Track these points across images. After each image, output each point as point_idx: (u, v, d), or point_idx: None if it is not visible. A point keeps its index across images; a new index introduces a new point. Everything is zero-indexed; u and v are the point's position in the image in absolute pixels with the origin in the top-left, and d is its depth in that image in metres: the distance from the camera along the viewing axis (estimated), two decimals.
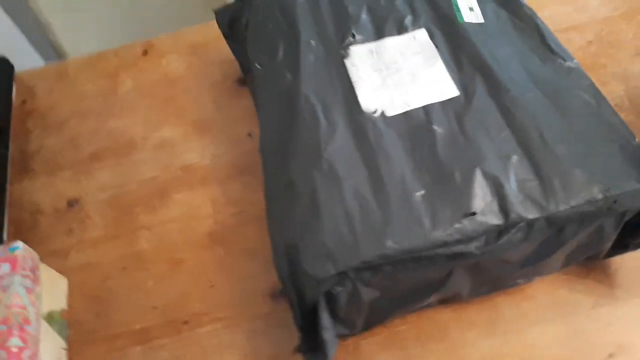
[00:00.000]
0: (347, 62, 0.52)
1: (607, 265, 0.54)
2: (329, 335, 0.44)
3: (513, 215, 0.42)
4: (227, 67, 0.73)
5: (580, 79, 0.49)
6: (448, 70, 0.50)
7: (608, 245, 0.47)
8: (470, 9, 0.56)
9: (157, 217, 0.62)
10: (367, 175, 0.45)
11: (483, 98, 0.48)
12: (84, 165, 0.67)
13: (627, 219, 0.44)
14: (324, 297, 0.44)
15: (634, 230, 0.46)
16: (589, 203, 0.42)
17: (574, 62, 0.51)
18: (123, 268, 0.59)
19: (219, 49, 0.75)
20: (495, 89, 0.48)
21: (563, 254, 0.46)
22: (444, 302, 0.52)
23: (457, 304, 0.53)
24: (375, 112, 0.48)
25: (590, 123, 0.46)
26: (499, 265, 0.46)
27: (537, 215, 0.42)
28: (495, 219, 0.43)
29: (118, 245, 0.61)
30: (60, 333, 0.54)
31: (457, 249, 0.42)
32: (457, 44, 0.53)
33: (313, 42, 0.54)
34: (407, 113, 0.48)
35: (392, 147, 0.46)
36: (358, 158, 0.46)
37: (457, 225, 0.42)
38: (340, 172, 0.46)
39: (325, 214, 0.44)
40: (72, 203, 0.65)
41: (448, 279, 0.46)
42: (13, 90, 0.74)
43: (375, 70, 0.50)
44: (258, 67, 0.56)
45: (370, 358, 0.52)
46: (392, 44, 0.52)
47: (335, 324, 0.47)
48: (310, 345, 0.47)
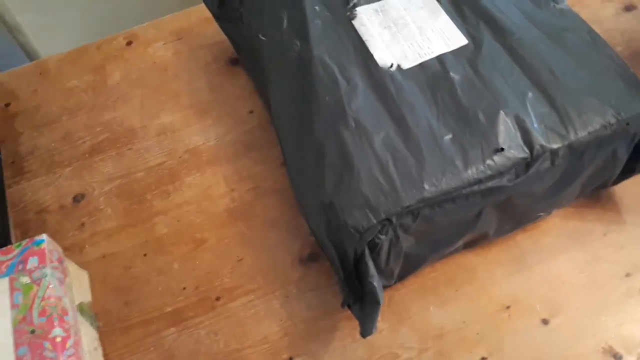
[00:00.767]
0: (355, 22, 0.53)
1: (612, 194, 0.58)
2: (377, 282, 0.45)
3: (537, 147, 0.45)
4: (216, 49, 0.73)
5: (574, 19, 0.53)
6: (453, 21, 0.52)
7: (619, 170, 0.51)
8: None
9: (171, 201, 0.62)
10: (394, 127, 0.47)
11: (491, 43, 0.50)
12: (84, 160, 0.66)
13: (636, 142, 0.48)
14: (367, 247, 0.45)
15: None
16: (604, 127, 0.45)
17: (565, 4, 0.54)
18: (144, 255, 0.58)
19: (205, 33, 0.75)
20: (501, 34, 0.51)
21: (580, 182, 0.50)
22: (470, 245, 0.54)
23: (480, 248, 0.56)
24: (392, 66, 0.50)
25: (592, 57, 0.49)
26: (526, 199, 0.48)
27: (559, 145, 0.45)
28: (522, 152, 0.45)
29: (135, 234, 0.60)
30: (92, 324, 0.53)
31: (491, 184, 0.44)
32: None
33: (317, 7, 0.55)
34: (422, 64, 0.50)
35: (413, 97, 0.48)
36: (383, 111, 0.48)
37: (488, 162, 0.45)
38: (368, 126, 0.47)
39: (359, 167, 0.46)
40: (78, 198, 0.63)
41: (479, 219, 0.48)
42: None
43: (384, 28, 0.52)
44: (263, 38, 0.56)
45: (407, 308, 0.54)
46: (395, 2, 0.54)
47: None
48: (355, 298, 0.48)
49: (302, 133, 0.51)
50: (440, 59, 0.50)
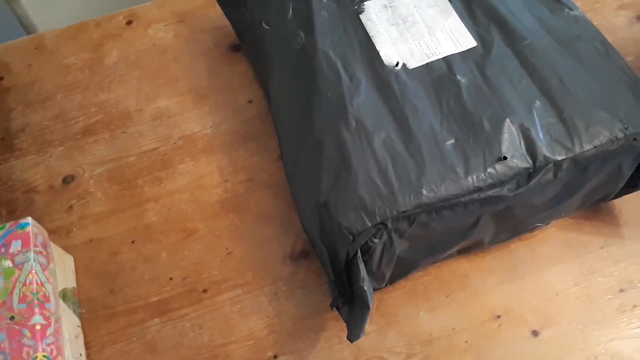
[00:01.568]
0: (362, 17, 0.51)
1: (611, 207, 0.57)
2: (368, 286, 0.44)
3: (541, 158, 0.44)
4: (218, 34, 0.71)
5: (587, 27, 0.51)
6: (463, 22, 0.51)
7: (622, 185, 0.49)
8: None
9: (163, 188, 0.60)
10: (396, 128, 0.46)
11: (501, 47, 0.49)
12: (76, 141, 0.64)
13: None
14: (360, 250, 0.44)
15: None
16: (611, 142, 0.44)
17: (579, 11, 0.53)
18: (132, 242, 0.57)
19: (208, 16, 0.73)
20: (512, 38, 0.49)
21: (582, 195, 0.48)
22: (465, 251, 0.53)
23: (474, 254, 0.55)
24: (397, 65, 0.49)
25: (603, 67, 0.48)
26: (525, 210, 0.47)
27: (563, 157, 0.44)
28: (525, 162, 0.44)
29: (124, 219, 0.59)
30: (75, 311, 0.52)
31: (491, 193, 0.43)
32: None
33: None
34: (428, 65, 0.48)
35: (417, 98, 0.47)
36: (385, 111, 0.46)
37: (489, 171, 0.43)
38: (369, 125, 0.46)
39: (357, 168, 0.44)
40: (68, 180, 0.61)
41: (475, 227, 0.47)
42: None
43: (392, 24, 0.50)
44: (266, 27, 0.55)
45: (396, 311, 0.53)
46: None
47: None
48: (344, 300, 0.47)
49: (300, 128, 0.49)
50: (448, 61, 0.48)
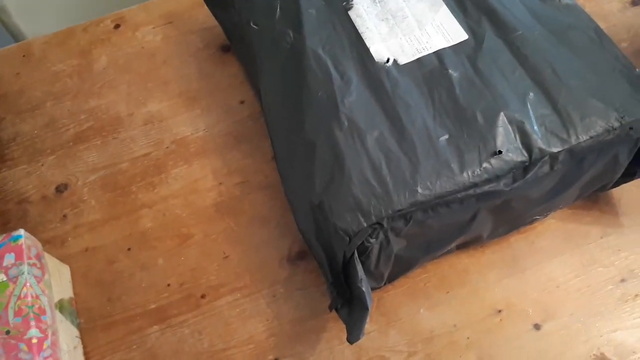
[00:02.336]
0: (351, 13, 0.51)
1: (610, 196, 0.56)
2: (366, 287, 0.43)
3: (536, 151, 0.43)
4: (207, 34, 0.70)
5: (580, 16, 0.50)
6: (453, 15, 0.50)
7: (619, 174, 0.49)
8: None
9: (157, 194, 0.60)
10: (389, 126, 0.45)
11: (492, 39, 0.48)
12: (68, 149, 0.63)
13: (639, 146, 0.46)
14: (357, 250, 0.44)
15: None
16: (607, 132, 0.44)
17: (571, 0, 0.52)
18: (128, 249, 0.57)
19: (196, 17, 0.72)
20: (503, 30, 0.48)
21: (579, 186, 0.48)
22: (464, 246, 0.53)
23: (473, 249, 0.55)
24: (388, 61, 0.48)
25: (597, 56, 0.47)
26: (523, 203, 0.46)
27: (559, 149, 0.43)
28: (520, 156, 0.43)
29: (119, 227, 0.58)
30: (73, 322, 0.51)
31: (487, 188, 0.43)
32: None
33: None
34: (419, 60, 0.48)
35: (409, 95, 0.46)
36: (377, 109, 0.46)
37: (484, 165, 0.43)
38: (361, 124, 0.45)
39: (351, 168, 0.44)
40: (61, 188, 0.61)
41: (473, 222, 0.47)
42: None
43: (382, 20, 0.50)
44: (254, 26, 0.54)
45: (397, 310, 0.52)
46: None
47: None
48: (343, 302, 0.46)
49: (292, 129, 0.49)
50: (439, 55, 0.48)
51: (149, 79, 0.68)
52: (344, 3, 0.52)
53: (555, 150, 0.43)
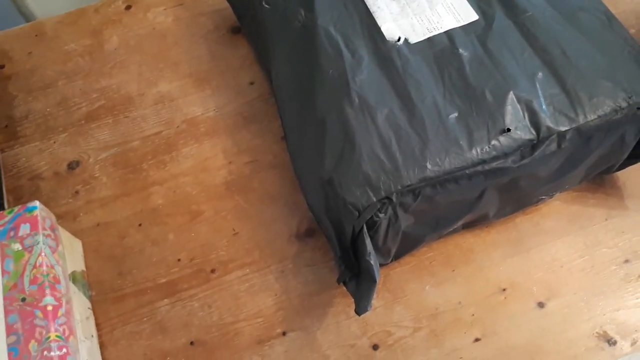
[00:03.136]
0: None
1: (615, 179, 0.57)
2: (374, 260, 0.44)
3: (544, 129, 0.44)
4: (218, 16, 0.71)
5: None
6: None
7: (625, 156, 0.50)
8: None
9: (168, 171, 0.60)
10: (399, 103, 0.46)
11: (502, 20, 0.49)
12: (80, 127, 0.64)
13: None
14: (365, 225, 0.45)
15: None
16: (615, 111, 0.44)
17: None
18: (139, 225, 0.58)
19: (207, 0, 0.72)
20: (513, 11, 0.49)
21: (586, 166, 0.49)
22: (469, 225, 0.54)
23: (479, 229, 0.55)
24: (399, 40, 0.48)
25: (606, 38, 0.48)
26: (530, 182, 0.47)
27: (567, 127, 0.44)
28: (529, 134, 0.44)
29: (130, 203, 0.59)
30: (85, 294, 0.52)
31: (495, 165, 0.43)
32: None
33: None
34: (430, 39, 0.48)
35: (420, 73, 0.47)
36: (388, 87, 0.46)
37: (493, 143, 0.44)
38: (372, 101, 0.46)
39: (361, 144, 0.45)
40: (72, 165, 0.62)
41: (480, 200, 0.47)
42: None
43: (393, 0, 0.50)
44: (266, 6, 0.54)
45: (402, 286, 0.53)
46: None
47: None
48: (351, 275, 0.47)
49: (303, 107, 0.50)
50: (449, 35, 0.48)
51: (160, 60, 0.68)
52: None
53: (563, 129, 0.44)
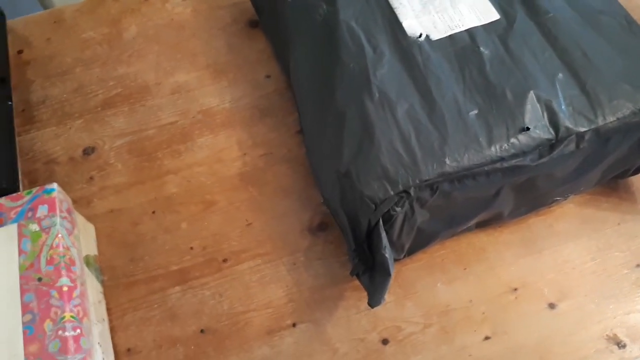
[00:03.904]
0: None
1: (629, 184, 0.57)
2: (389, 254, 0.44)
3: (563, 129, 0.44)
4: (236, 10, 0.71)
5: (612, 2, 0.51)
6: None
7: None
8: None
9: (182, 161, 0.61)
10: (419, 99, 0.46)
11: (524, 20, 0.49)
12: (96, 114, 0.65)
13: None
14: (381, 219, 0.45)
15: None
16: (634, 114, 0.44)
17: None
18: (153, 212, 0.58)
19: None
20: (535, 11, 0.49)
21: (602, 169, 0.49)
22: (483, 225, 0.54)
23: (492, 228, 0.55)
24: (421, 36, 0.49)
25: (627, 42, 0.48)
26: (546, 182, 0.47)
27: (586, 128, 0.44)
28: (547, 133, 0.44)
29: (144, 191, 0.59)
30: (97, 278, 0.53)
31: (513, 163, 0.43)
32: None
33: None
34: (452, 36, 0.49)
35: (441, 70, 0.47)
36: (408, 82, 0.47)
37: (512, 141, 0.44)
38: (392, 96, 0.46)
39: (380, 138, 0.45)
40: (88, 151, 0.62)
41: (497, 198, 0.48)
42: (7, 40, 0.70)
43: None
44: (289, 0, 0.55)
45: (414, 283, 0.53)
46: None
47: None
48: (365, 268, 0.48)
49: (322, 99, 0.50)
50: (471, 33, 0.49)
51: (178, 50, 0.69)
52: None
53: (582, 130, 0.44)
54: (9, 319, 0.42)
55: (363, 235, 0.46)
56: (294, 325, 0.52)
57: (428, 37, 0.49)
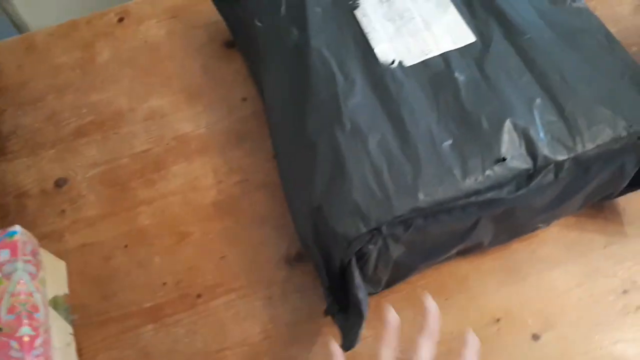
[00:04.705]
0: (357, 13, 0.50)
1: (615, 205, 0.55)
2: (363, 294, 0.43)
3: (541, 158, 0.42)
4: (212, 29, 0.70)
5: (591, 20, 0.49)
6: (461, 16, 0.49)
7: (625, 184, 0.48)
8: None
9: (156, 191, 0.59)
10: (392, 129, 0.44)
11: (500, 43, 0.47)
12: (68, 143, 0.63)
13: None
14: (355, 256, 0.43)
15: None
16: (614, 141, 0.43)
17: (582, 2, 0.51)
18: (125, 246, 0.56)
19: (202, 11, 0.71)
20: (512, 33, 0.47)
21: (584, 195, 0.47)
22: (464, 253, 0.52)
23: (474, 256, 0.54)
24: (393, 62, 0.47)
25: (607, 62, 0.46)
26: (525, 212, 0.46)
27: (565, 157, 0.42)
28: (524, 163, 0.42)
29: (117, 223, 0.58)
30: (66, 318, 0.51)
31: (489, 196, 0.42)
32: None
33: None
34: (425, 62, 0.47)
35: (414, 98, 0.45)
36: (381, 112, 0.45)
37: (487, 173, 0.42)
38: (364, 127, 0.44)
39: (352, 171, 0.43)
40: (60, 183, 0.60)
41: (474, 230, 0.46)
42: None
43: (388, 20, 0.49)
44: (259, 24, 0.53)
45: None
46: None
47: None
48: (339, 307, 0.46)
49: (294, 130, 0.48)
50: (445, 57, 0.47)
51: (152, 74, 0.67)
52: (350, 2, 0.51)
53: (561, 159, 0.42)
54: None
55: (337, 273, 0.44)
56: None
57: (401, 63, 0.47)
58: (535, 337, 0.50)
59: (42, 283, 0.47)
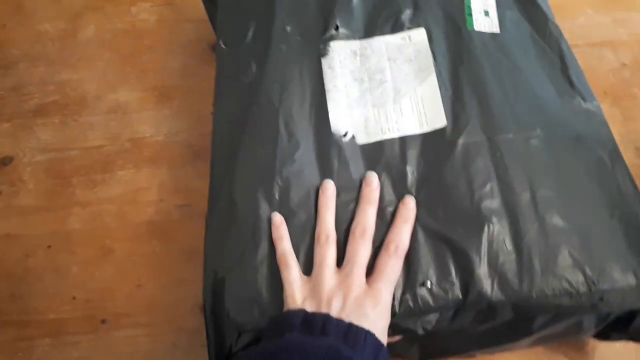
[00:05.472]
0: (323, 61, 0.43)
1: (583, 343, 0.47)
2: None
3: (474, 293, 0.35)
4: (203, 27, 0.63)
5: (599, 128, 0.40)
6: (441, 90, 0.41)
7: (585, 337, 0.40)
8: (486, 13, 0.46)
9: (94, 194, 0.55)
10: None
11: (474, 135, 0.39)
12: (26, 119, 0.60)
13: (612, 319, 0.37)
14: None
15: (622, 323, 0.38)
16: (569, 295, 0.35)
17: (595, 103, 0.42)
18: (48, 246, 0.53)
19: (198, 5, 0.65)
20: (492, 126, 0.39)
21: (530, 340, 0.39)
22: None
23: None
24: (346, 135, 0.40)
25: (598, 189, 0.37)
26: (450, 339, 0.39)
27: (502, 298, 0.35)
28: (453, 295, 0.35)
29: (47, 219, 0.54)
30: None
31: (402, 323, 0.35)
32: (458, 56, 0.43)
33: (289, 27, 0.45)
34: (380, 143, 0.39)
35: (356, 184, 0.38)
36: (316, 189, 0.39)
37: (406, 296, 0.35)
38: (293, 201, 0.38)
39: (265, 253, 0.37)
40: (5, 161, 0.58)
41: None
42: None
43: (355, 79, 0.41)
44: (223, 46, 0.47)
45: None
46: (381, 46, 0.43)
47: None
48: None
49: (224, 178, 0.42)
50: (403, 143, 0.39)
51: (129, 63, 0.62)
52: (321, 45, 0.44)
53: (496, 300, 0.35)
54: None
55: (225, 355, 0.39)
56: None
57: (354, 138, 0.40)
58: None
59: None
